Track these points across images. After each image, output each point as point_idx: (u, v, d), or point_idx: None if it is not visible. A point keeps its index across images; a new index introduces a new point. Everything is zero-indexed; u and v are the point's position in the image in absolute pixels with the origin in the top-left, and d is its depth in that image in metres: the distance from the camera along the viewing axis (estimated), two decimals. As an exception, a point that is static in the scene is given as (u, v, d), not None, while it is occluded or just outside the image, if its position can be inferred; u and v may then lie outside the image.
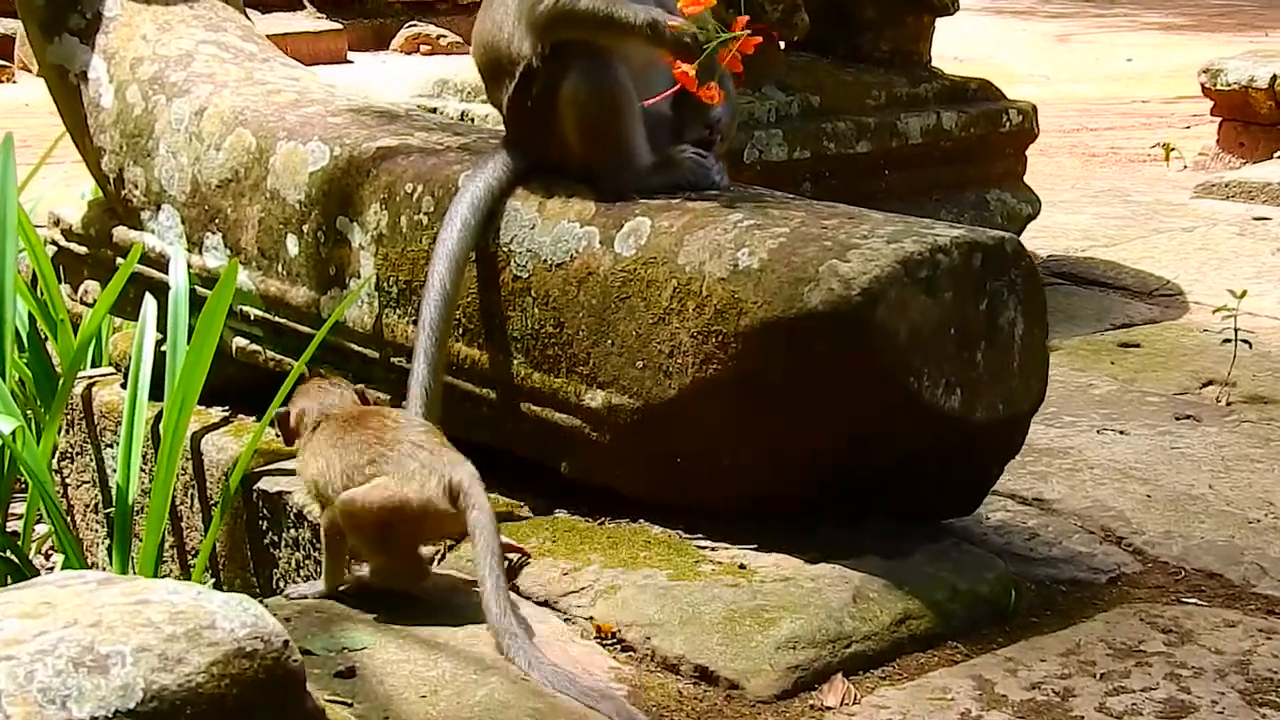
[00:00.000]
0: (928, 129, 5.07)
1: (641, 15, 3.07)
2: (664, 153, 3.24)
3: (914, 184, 5.11)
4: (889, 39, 5.29)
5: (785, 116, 4.80)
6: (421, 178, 3.49)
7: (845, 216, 3.04)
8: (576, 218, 3.21)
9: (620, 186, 3.20)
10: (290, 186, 3.74)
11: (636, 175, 3.20)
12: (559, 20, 3.12)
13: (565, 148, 3.24)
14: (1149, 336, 4.63)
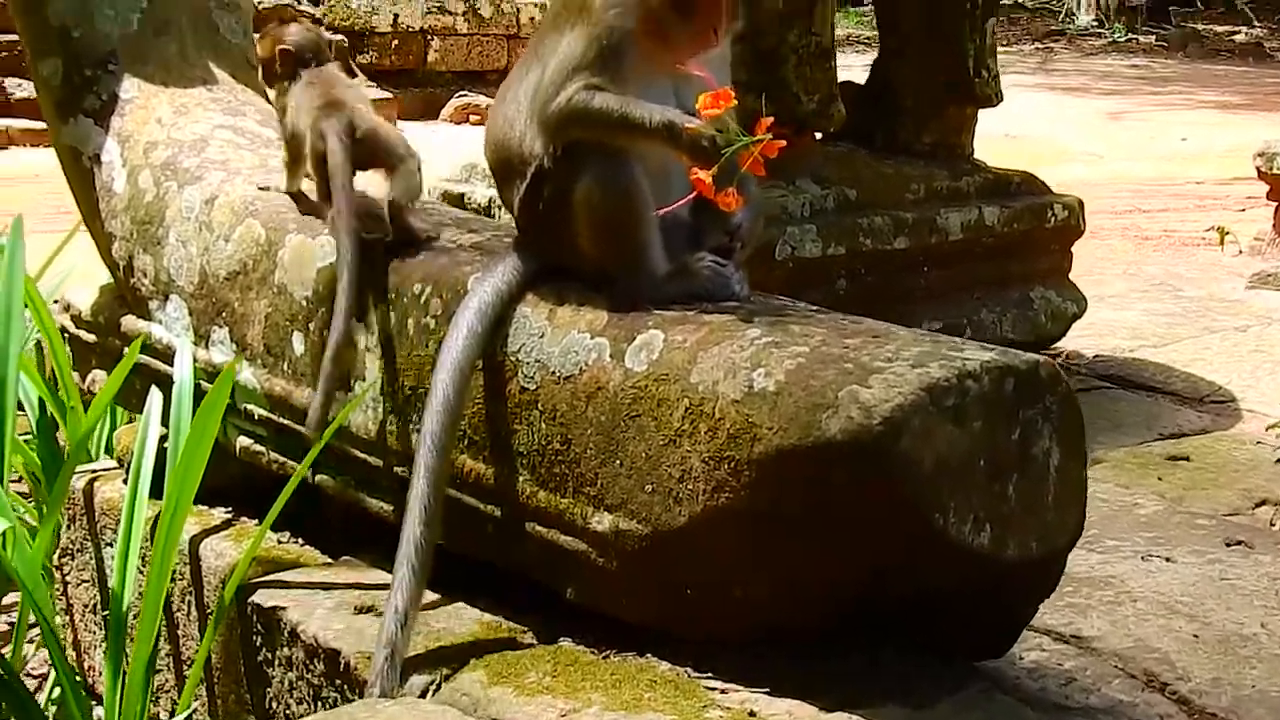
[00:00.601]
0: (969, 224, 4.89)
1: (658, 116, 2.90)
2: (681, 260, 3.05)
3: (954, 281, 4.92)
4: (930, 130, 5.13)
5: (820, 211, 4.62)
6: (430, 278, 3.32)
7: (869, 335, 2.84)
8: (587, 328, 3.02)
9: (634, 295, 3.01)
10: (298, 282, 3.58)
11: (651, 284, 3.02)
12: (572, 119, 2.95)
13: (578, 253, 3.07)
14: (1199, 449, 4.40)
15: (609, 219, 3.00)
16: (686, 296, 3.03)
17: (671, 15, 2.94)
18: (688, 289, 3.03)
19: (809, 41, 4.57)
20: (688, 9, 2.93)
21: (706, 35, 2.95)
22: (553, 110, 2.97)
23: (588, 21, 2.98)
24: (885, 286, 4.72)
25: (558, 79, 2.97)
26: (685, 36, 2.95)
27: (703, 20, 2.94)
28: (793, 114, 4.59)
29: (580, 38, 2.98)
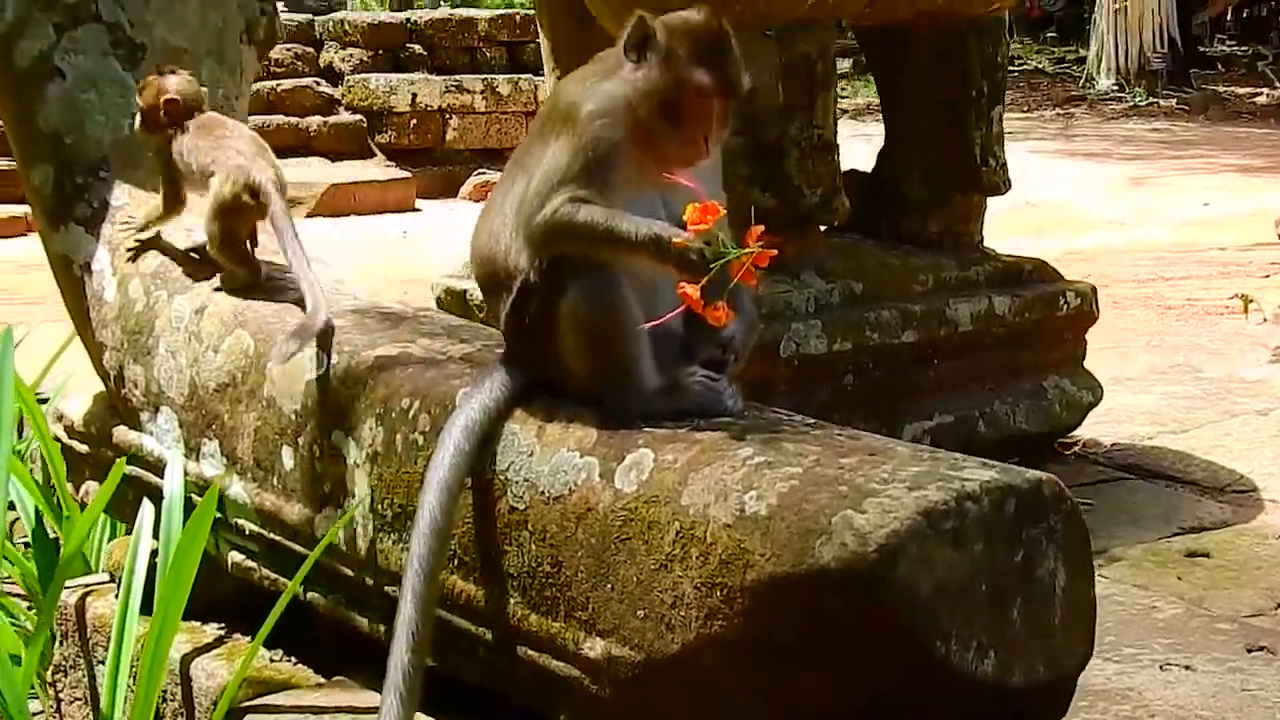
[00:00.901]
0: (979, 315, 4.81)
1: (644, 229, 2.82)
2: (672, 374, 2.96)
3: (965, 373, 4.84)
4: (938, 219, 5.06)
5: (825, 305, 4.55)
6: (419, 393, 3.24)
7: (866, 453, 2.74)
8: (576, 446, 2.93)
9: (624, 412, 2.93)
10: (286, 395, 3.50)
11: (642, 400, 2.93)
12: (556, 233, 2.88)
13: (566, 368, 2.99)
14: (1220, 544, 4.28)
15: (596, 334, 2.92)
16: (677, 413, 2.93)
17: (661, 124, 2.86)
18: (679, 405, 2.94)
19: (810, 135, 4.51)
20: (677, 118, 2.85)
21: (697, 144, 2.87)
22: (537, 223, 2.90)
23: (573, 132, 2.91)
24: (894, 381, 4.63)
25: (542, 191, 2.90)
26: (675, 145, 2.88)
27: (693, 129, 2.86)
28: (796, 208, 4.52)
29: (565, 149, 2.91)
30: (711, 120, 2.86)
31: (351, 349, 3.44)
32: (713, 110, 2.85)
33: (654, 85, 2.85)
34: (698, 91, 2.83)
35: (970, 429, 4.78)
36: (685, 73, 2.82)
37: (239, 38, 4.33)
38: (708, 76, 2.82)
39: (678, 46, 2.85)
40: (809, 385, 4.44)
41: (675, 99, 2.83)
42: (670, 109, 2.84)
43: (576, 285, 2.91)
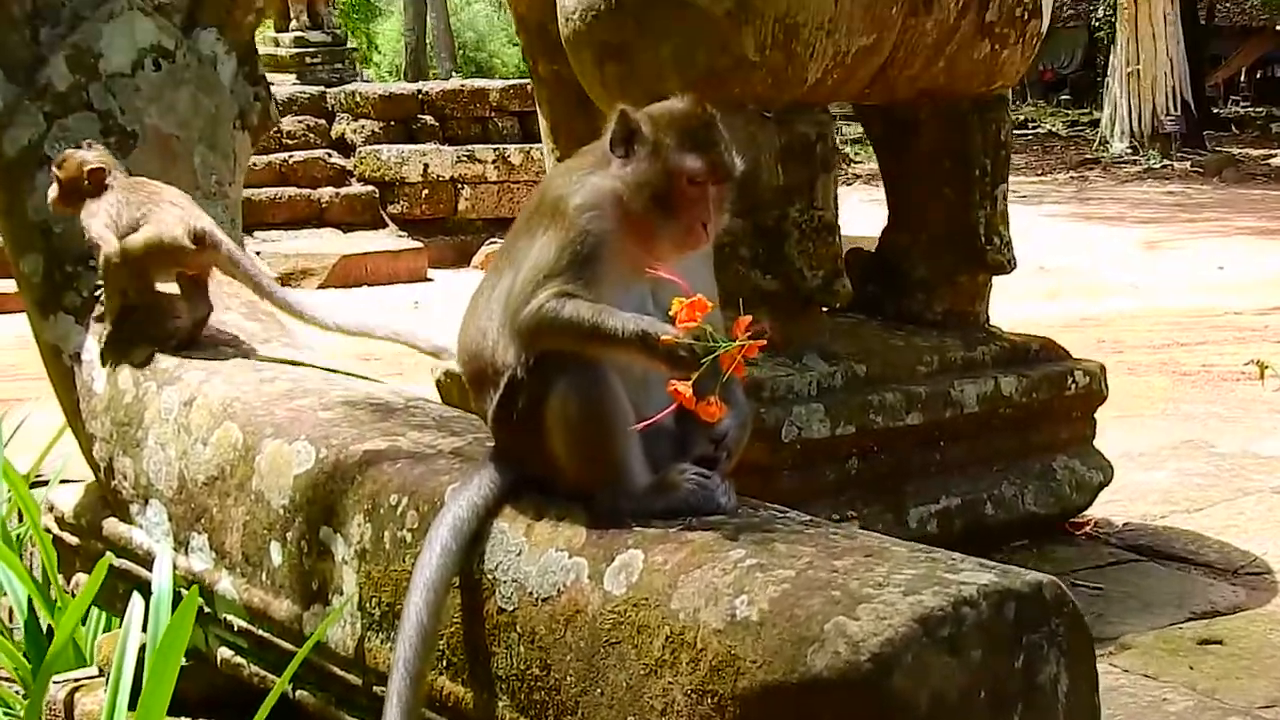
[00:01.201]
0: (985, 396, 4.74)
1: (631, 326, 2.76)
2: (663, 472, 2.89)
3: (973, 455, 4.76)
4: (942, 299, 5.00)
5: (827, 389, 4.47)
6: (407, 489, 3.18)
7: (861, 553, 2.67)
8: (565, 545, 2.87)
9: (614, 511, 2.86)
10: (275, 489, 3.45)
11: (632, 498, 2.87)
12: (542, 329, 2.82)
13: (555, 465, 2.92)
14: (1233, 631, 4.18)
15: (584, 433, 2.86)
16: (669, 511, 2.86)
17: (656, 216, 2.81)
18: (670, 503, 2.87)
19: (811, 217, 4.46)
20: (673, 207, 2.80)
21: (695, 232, 2.81)
22: (523, 319, 2.84)
23: (561, 225, 2.86)
24: (900, 464, 4.56)
25: (528, 287, 2.85)
26: (673, 235, 2.82)
27: (690, 217, 2.80)
28: (797, 290, 4.47)
29: (553, 243, 2.86)
30: (708, 206, 2.80)
31: (340, 443, 3.38)
32: (708, 196, 2.80)
33: (644, 178, 2.80)
34: (690, 179, 2.78)
35: (978, 512, 4.70)
36: (675, 162, 2.78)
37: (232, 124, 4.30)
38: (699, 162, 2.77)
39: (664, 136, 2.80)
40: (812, 470, 4.37)
41: (668, 189, 2.78)
42: (664, 200, 2.79)
43: (564, 382, 2.85)
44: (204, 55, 4.25)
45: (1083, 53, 42.85)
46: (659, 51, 4.29)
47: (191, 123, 4.21)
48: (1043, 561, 4.79)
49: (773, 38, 4.23)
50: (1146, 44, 27.96)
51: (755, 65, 4.26)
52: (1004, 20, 4.67)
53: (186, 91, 4.19)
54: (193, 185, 4.22)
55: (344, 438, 3.40)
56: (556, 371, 2.85)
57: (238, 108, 4.33)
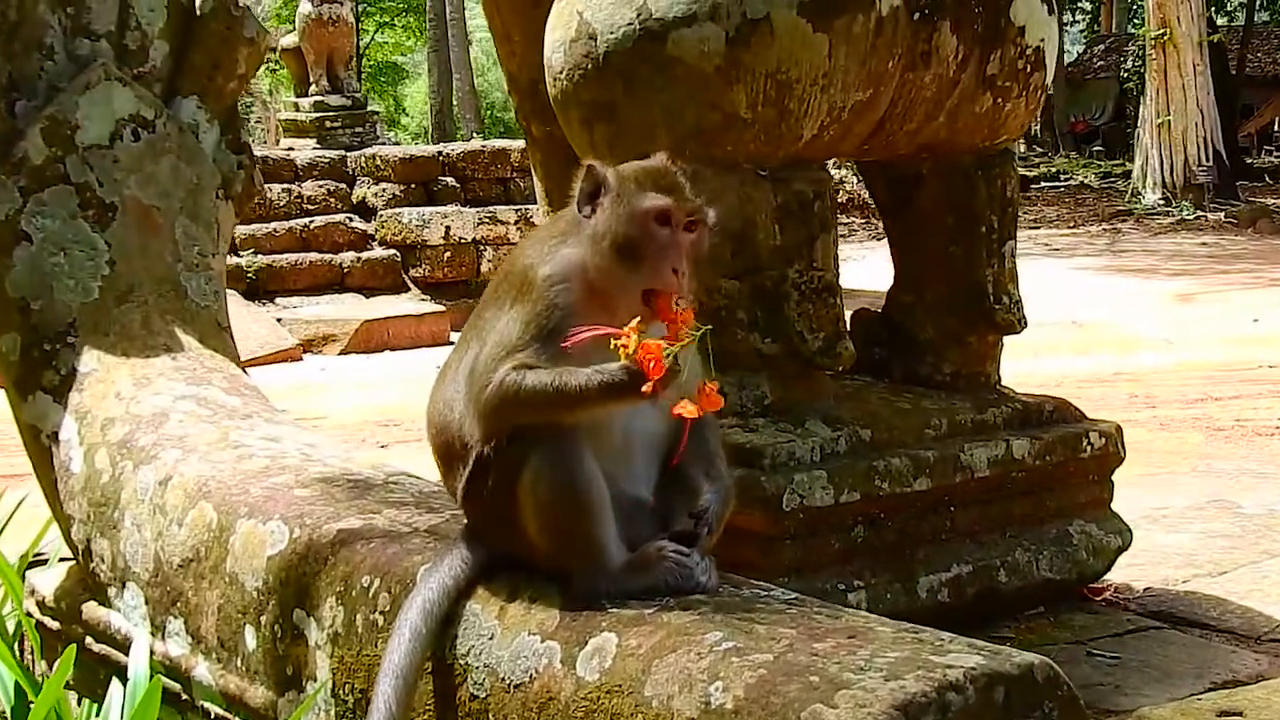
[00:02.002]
0: (997, 459, 4.62)
1: (593, 376, 2.67)
2: (642, 548, 2.80)
3: (984, 521, 4.64)
4: (951, 360, 4.89)
5: (831, 454, 4.36)
6: (379, 570, 3.10)
7: (844, 635, 2.56)
8: (538, 629, 2.77)
9: (590, 591, 2.77)
10: (249, 571, 3.37)
11: (607, 578, 2.78)
12: (506, 404, 2.74)
13: (528, 544, 2.84)
14: (1254, 702, 4.03)
15: (558, 511, 2.77)
16: (646, 591, 2.77)
17: (622, 267, 2.72)
18: (647, 582, 2.77)
19: (811, 277, 4.37)
20: (638, 253, 2.70)
21: (663, 277, 2.70)
22: (486, 397, 2.76)
23: (528, 297, 2.78)
24: (908, 532, 4.45)
25: (492, 363, 2.77)
26: (639, 287, 2.71)
27: (656, 261, 2.70)
28: (798, 354, 4.37)
29: (519, 317, 2.78)
30: (679, 252, 2.70)
31: (314, 522, 3.31)
32: (679, 241, 2.70)
33: (607, 225, 2.73)
34: (655, 218, 2.70)
35: (991, 579, 4.58)
36: (637, 202, 2.71)
37: (215, 193, 4.24)
38: (661, 199, 2.70)
39: (629, 184, 2.74)
40: (816, 540, 4.27)
41: (632, 234, 2.70)
42: (630, 248, 2.70)
43: (535, 459, 2.76)
44: (185, 124, 4.20)
45: (1114, 104, 42.81)
46: (648, 110, 4.21)
47: (172, 193, 4.16)
48: (1059, 630, 4.66)
49: (764, 94, 4.15)
50: (1176, 94, 27.85)
51: (747, 122, 4.19)
52: (1006, 73, 4.58)
53: (167, 162, 4.14)
54: (174, 257, 4.16)
55: (318, 517, 3.33)
56: (527, 448, 2.76)
57: (220, 177, 4.28)
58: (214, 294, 4.20)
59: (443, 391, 2.93)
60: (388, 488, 3.50)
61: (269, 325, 14.63)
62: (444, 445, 2.93)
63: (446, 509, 3.35)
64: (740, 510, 3.75)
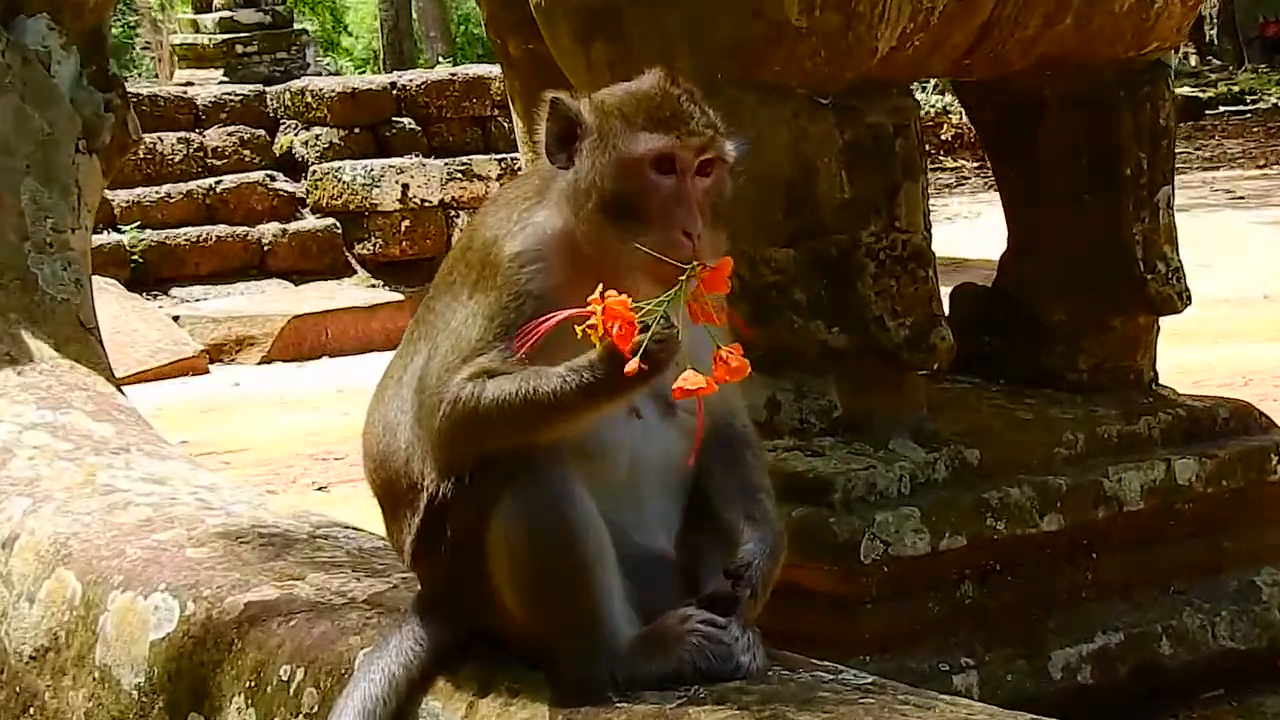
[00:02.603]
0: (1154, 486, 4.66)
1: (569, 376, 2.67)
2: (659, 620, 2.81)
3: (1138, 572, 4.69)
4: (1089, 351, 4.92)
5: (926, 484, 4.39)
6: (304, 656, 3.15)
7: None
8: (520, 735, 2.79)
9: (587, 679, 2.79)
10: (126, 663, 3.42)
11: (614, 660, 2.79)
12: (464, 428, 2.76)
13: (503, 617, 2.85)
14: None
15: (540, 571, 2.78)
16: (667, 678, 2.77)
17: (615, 233, 2.73)
18: (668, 666, 2.78)
19: (892, 242, 4.38)
20: (635, 213, 2.72)
21: (673, 240, 2.68)
22: (440, 416, 2.77)
23: (490, 284, 2.79)
24: (1033, 589, 4.48)
25: (445, 372, 2.78)
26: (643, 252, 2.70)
27: (661, 223, 2.70)
28: (877, 347, 4.38)
29: (479, 309, 2.79)
30: (689, 206, 2.72)
31: (215, 593, 3.34)
32: (687, 192, 2.72)
33: (591, 179, 2.75)
34: (652, 165, 2.72)
35: (1151, 651, 4.60)
36: (627, 145, 2.73)
37: (74, 146, 4.27)
38: (660, 140, 2.72)
39: (613, 119, 2.76)
40: (908, 602, 4.28)
41: (625, 189, 2.72)
42: (620, 205, 2.73)
43: (509, 499, 2.76)
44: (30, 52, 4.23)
45: (1318, -2, 42.73)
46: (663, 21, 4.23)
47: (15, 147, 4.19)
48: (1248, 718, 4.65)
49: (825, -7, 4.17)
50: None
51: (802, 33, 4.20)
52: (1156, -48, 4.60)
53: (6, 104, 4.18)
54: (19, 234, 4.19)
55: (220, 585, 3.36)
56: (498, 485, 2.77)
57: (82, 123, 4.31)
58: (75, 283, 4.23)
59: (383, 411, 2.94)
60: (315, 544, 3.54)
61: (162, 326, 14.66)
62: (386, 484, 2.94)
63: (394, 571, 3.37)
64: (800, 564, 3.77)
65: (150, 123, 15.45)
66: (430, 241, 17.40)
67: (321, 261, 17.07)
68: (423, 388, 2.83)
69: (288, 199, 17.29)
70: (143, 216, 16.21)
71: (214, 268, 16.34)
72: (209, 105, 17.40)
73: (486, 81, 18.08)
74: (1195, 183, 21.92)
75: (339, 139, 17.56)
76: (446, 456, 2.80)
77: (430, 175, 17.46)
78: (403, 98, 17.94)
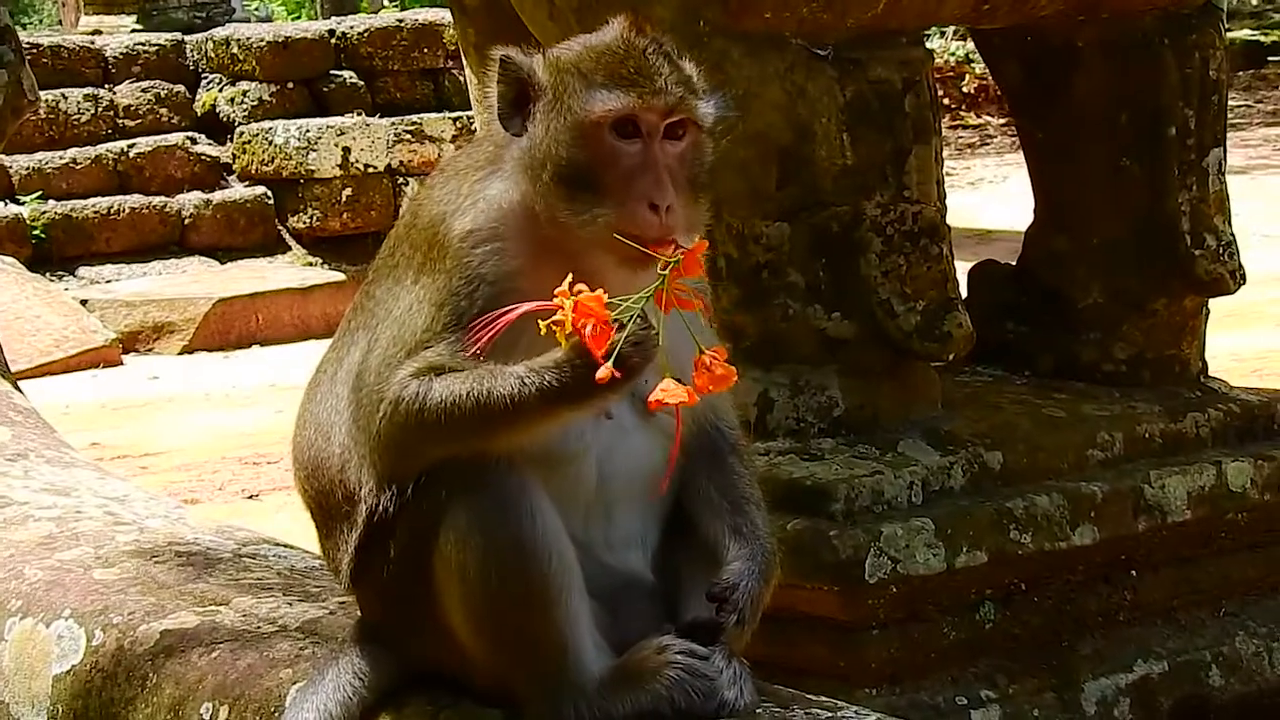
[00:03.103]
0: (1202, 494, 4.68)
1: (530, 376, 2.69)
2: (634, 650, 2.84)
3: (1184, 591, 4.72)
4: (1128, 338, 4.94)
5: (941, 492, 4.41)
6: (227, 692, 3.18)
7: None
8: (475, 785, 2.83)
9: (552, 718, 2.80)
10: (24, 699, 3.46)
11: (580, 697, 2.81)
12: (409, 428, 2.77)
13: (454, 648, 2.87)
14: None
15: (497, 595, 2.79)
16: (643, 716, 2.79)
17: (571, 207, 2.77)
18: (644, 703, 2.81)
19: (901, 215, 4.40)
20: (596, 184, 2.76)
21: (636, 217, 2.73)
22: (381, 417, 2.78)
23: (439, 268, 2.82)
24: (1063, 611, 4.50)
25: (386, 368, 2.80)
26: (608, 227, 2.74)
27: (622, 192, 2.75)
28: (884, 335, 4.39)
29: (427, 296, 2.81)
30: (657, 173, 2.75)
31: (126, 620, 3.37)
32: (654, 158, 2.76)
33: (547, 145, 2.79)
34: (613, 128, 2.77)
35: (1197, 682, 4.62)
36: (583, 105, 2.77)
37: (-40, 108, 4.29)
38: (620, 98, 2.76)
39: (568, 77, 2.81)
40: (919, 627, 4.30)
41: (584, 156, 2.77)
42: (579, 174, 2.77)
43: (460, 512, 2.78)
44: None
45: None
46: (639, -38, 4.23)
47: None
48: (1310, 761, 4.69)
49: (824, -71, 4.20)
50: None
51: (796, -26, 4.21)
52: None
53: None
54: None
55: (132, 612, 3.39)
56: (447, 496, 2.78)
57: (-32, 82, 4.33)
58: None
59: (314, 410, 2.96)
60: (240, 563, 3.56)
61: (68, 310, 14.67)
62: (319, 495, 2.96)
63: (330, 594, 3.40)
64: (796, 584, 3.80)
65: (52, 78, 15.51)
66: (375, 213, 17.43)
67: (250, 236, 17.09)
68: (360, 384, 2.84)
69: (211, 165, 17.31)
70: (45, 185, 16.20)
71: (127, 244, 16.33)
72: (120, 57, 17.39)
73: (439, 29, 18.09)
74: (1255, 140, 21.92)
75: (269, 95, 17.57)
76: (388, 464, 2.82)
77: (375, 137, 17.50)
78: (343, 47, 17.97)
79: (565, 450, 2.80)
